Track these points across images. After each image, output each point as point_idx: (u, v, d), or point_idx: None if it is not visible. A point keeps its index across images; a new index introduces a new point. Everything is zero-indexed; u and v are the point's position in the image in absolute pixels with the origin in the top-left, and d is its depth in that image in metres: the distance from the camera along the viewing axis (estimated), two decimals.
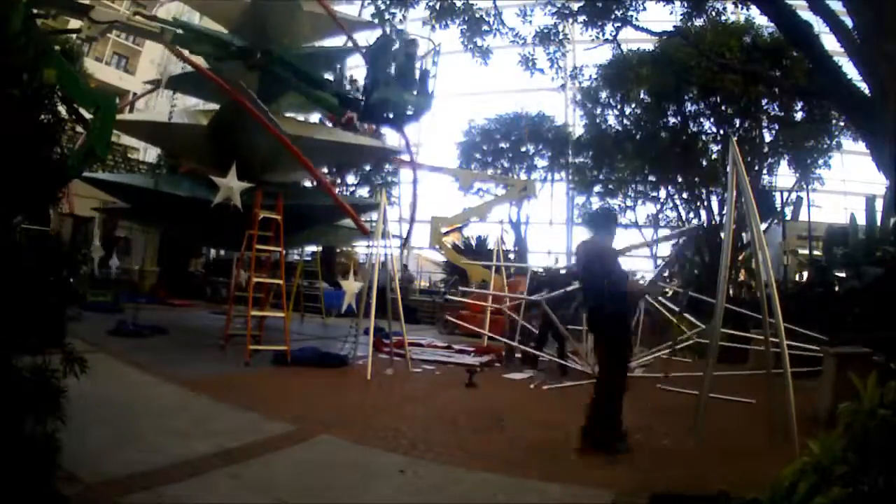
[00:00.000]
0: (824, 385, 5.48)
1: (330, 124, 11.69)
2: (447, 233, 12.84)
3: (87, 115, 4.89)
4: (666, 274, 11.17)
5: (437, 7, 8.76)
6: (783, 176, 14.09)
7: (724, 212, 13.13)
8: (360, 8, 11.29)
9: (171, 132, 10.07)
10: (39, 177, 2.62)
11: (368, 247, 15.87)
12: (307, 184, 11.39)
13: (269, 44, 8.81)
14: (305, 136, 9.81)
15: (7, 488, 2.19)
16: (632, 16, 8.63)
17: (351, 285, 8.73)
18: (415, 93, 8.10)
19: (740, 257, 13.55)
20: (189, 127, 9.96)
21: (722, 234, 12.91)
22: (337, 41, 11.65)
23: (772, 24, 8.87)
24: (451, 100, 23.70)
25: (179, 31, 7.55)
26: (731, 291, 12.93)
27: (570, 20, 9.05)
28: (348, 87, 10.11)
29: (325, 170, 16.67)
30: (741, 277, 13.76)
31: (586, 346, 7.22)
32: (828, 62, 5.24)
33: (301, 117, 12.22)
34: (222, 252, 16.87)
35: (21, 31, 2.52)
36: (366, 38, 10.38)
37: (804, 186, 13.27)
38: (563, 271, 9.58)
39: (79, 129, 5.42)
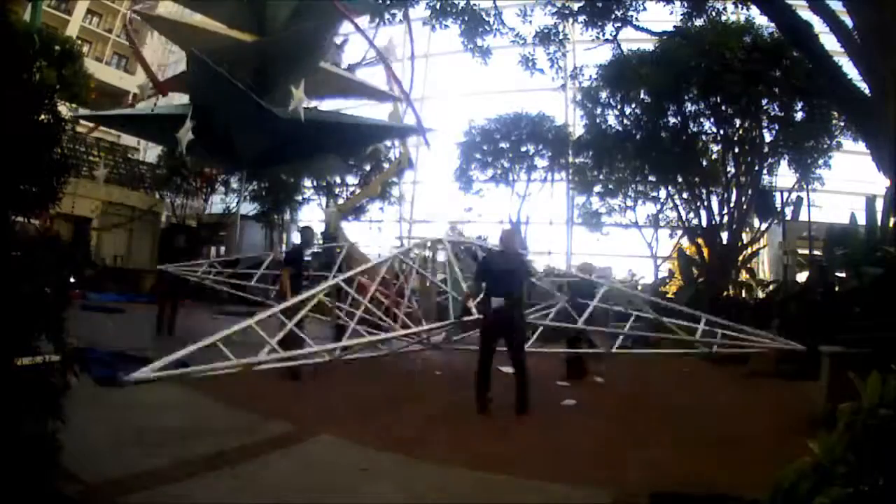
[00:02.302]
0: (823, 385, 5.47)
1: None
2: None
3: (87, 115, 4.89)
4: None
5: (437, 6, 8.75)
6: (783, 176, 14.10)
7: (724, 211, 13.18)
8: None
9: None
10: (39, 176, 2.62)
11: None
12: None
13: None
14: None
15: (7, 488, 2.19)
16: (632, 16, 8.64)
17: None
18: None
19: (740, 257, 13.55)
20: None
21: (722, 234, 12.97)
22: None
23: (772, 24, 8.87)
24: (452, 100, 23.82)
25: None
26: (731, 291, 12.93)
27: (570, 20, 9.06)
28: None
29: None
30: (741, 277, 13.74)
31: None
32: (828, 62, 5.23)
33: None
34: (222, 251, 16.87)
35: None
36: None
37: (804, 186, 13.26)
38: None
39: (79, 129, 5.42)
